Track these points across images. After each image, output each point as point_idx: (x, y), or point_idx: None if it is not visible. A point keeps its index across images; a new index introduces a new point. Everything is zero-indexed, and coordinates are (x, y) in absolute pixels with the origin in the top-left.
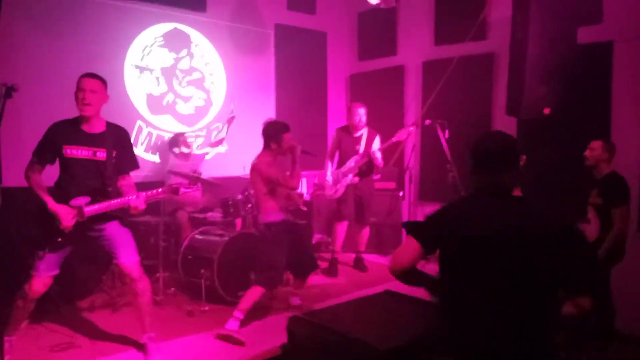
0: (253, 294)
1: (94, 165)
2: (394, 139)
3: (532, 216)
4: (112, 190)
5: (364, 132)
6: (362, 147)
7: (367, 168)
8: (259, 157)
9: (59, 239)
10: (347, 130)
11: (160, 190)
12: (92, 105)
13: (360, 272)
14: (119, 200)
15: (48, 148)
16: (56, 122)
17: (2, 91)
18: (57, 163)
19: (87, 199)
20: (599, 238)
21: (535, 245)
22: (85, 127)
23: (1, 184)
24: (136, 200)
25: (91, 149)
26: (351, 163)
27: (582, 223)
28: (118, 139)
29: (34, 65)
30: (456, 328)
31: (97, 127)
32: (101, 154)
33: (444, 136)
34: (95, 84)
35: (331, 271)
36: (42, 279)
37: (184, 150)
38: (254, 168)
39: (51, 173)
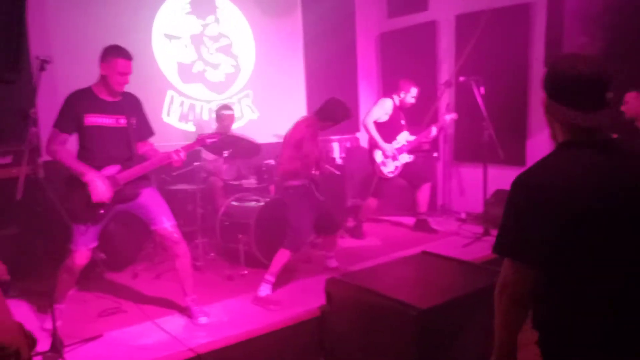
0: (280, 257)
1: (117, 132)
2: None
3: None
4: (137, 158)
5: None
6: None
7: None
8: (307, 123)
9: (101, 210)
10: (394, 102)
11: (194, 142)
12: (125, 85)
13: (429, 233)
14: (159, 158)
15: (70, 117)
16: (73, 92)
17: (37, 64)
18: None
19: (118, 166)
20: None
21: None
22: (104, 96)
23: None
24: (177, 153)
25: (113, 116)
26: (404, 140)
27: None
28: (135, 106)
29: (65, 37)
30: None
31: (114, 96)
32: (123, 121)
33: (479, 93)
34: (130, 66)
35: (356, 234)
36: (82, 252)
37: (226, 122)
38: (297, 130)
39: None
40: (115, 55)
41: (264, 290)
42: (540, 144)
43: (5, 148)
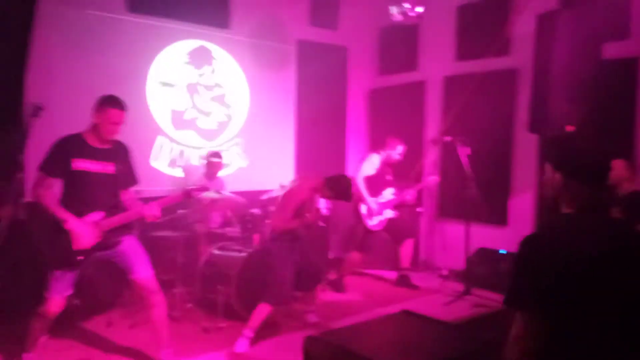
0: (260, 312)
1: (103, 178)
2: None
3: (629, 239)
4: (120, 205)
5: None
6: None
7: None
8: (313, 187)
9: (80, 257)
10: (381, 157)
11: (174, 195)
12: (117, 134)
13: (410, 289)
14: (134, 211)
15: (57, 161)
16: (62, 137)
17: (30, 110)
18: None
19: (102, 213)
20: None
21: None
22: (94, 143)
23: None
24: (151, 209)
25: (101, 162)
26: (390, 196)
27: None
28: (122, 155)
29: (63, 82)
30: None
31: (104, 144)
32: (110, 168)
33: (464, 153)
34: (123, 115)
35: (337, 287)
36: (56, 300)
37: (215, 168)
38: (302, 191)
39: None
40: (109, 105)
41: (241, 346)
42: (522, 204)
43: None
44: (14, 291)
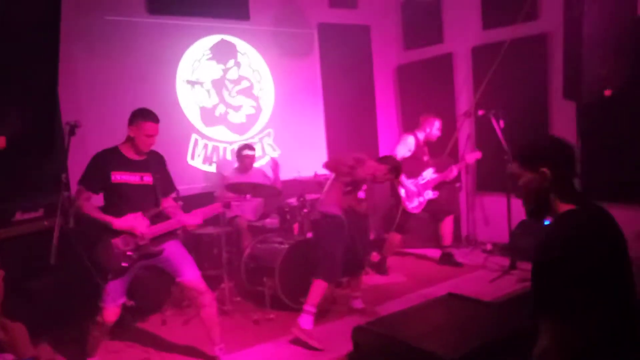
0: (317, 288)
1: (142, 189)
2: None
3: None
4: (162, 213)
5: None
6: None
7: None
8: (368, 160)
9: (124, 264)
10: (417, 138)
11: (213, 206)
12: (153, 145)
13: (454, 267)
14: (176, 220)
15: (96, 175)
16: (100, 152)
17: (67, 129)
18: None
19: (147, 221)
20: None
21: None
22: (130, 155)
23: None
24: (193, 218)
25: (138, 174)
26: (429, 176)
27: None
28: (158, 164)
29: (95, 95)
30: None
31: (140, 155)
32: (147, 178)
33: (499, 126)
34: (157, 128)
35: (380, 270)
36: (111, 309)
37: (247, 161)
38: (358, 156)
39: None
40: (143, 118)
41: (306, 322)
42: None
43: (37, 202)
44: (70, 299)
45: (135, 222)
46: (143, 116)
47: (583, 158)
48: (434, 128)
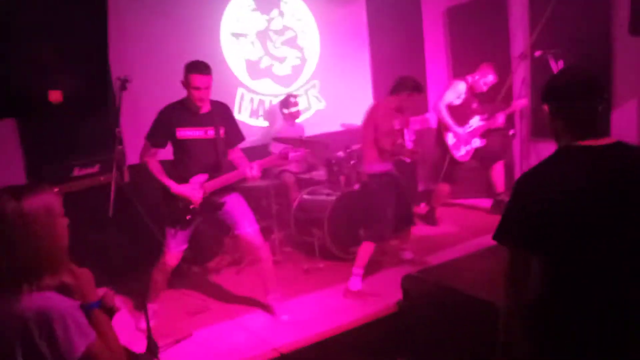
0: (365, 250)
1: (206, 143)
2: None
3: (629, 165)
4: (225, 165)
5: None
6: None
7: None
8: (383, 100)
9: (188, 217)
10: (467, 83)
11: (272, 157)
12: (205, 99)
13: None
14: (236, 172)
15: (161, 132)
16: (165, 107)
17: (118, 85)
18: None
19: (206, 175)
20: None
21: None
22: (193, 109)
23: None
24: (252, 171)
25: (202, 128)
26: (477, 123)
27: None
28: (223, 116)
29: (142, 50)
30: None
31: (204, 108)
32: (211, 132)
33: (557, 67)
34: (206, 80)
35: (429, 220)
36: (174, 254)
37: (293, 109)
38: (373, 109)
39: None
40: (189, 71)
41: (355, 284)
42: (626, 114)
43: (93, 158)
44: (129, 251)
45: (192, 192)
46: (189, 69)
47: None
48: (483, 79)
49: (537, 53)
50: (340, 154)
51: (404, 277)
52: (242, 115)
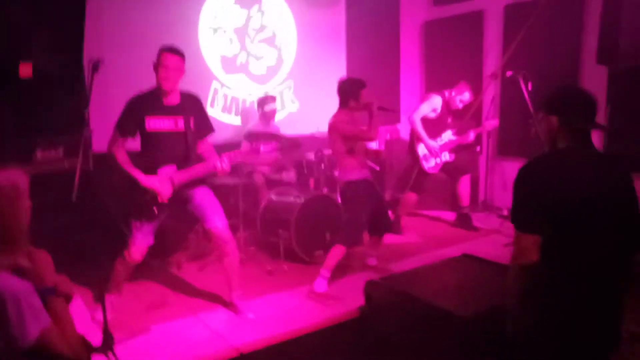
0: (336, 253)
1: (175, 135)
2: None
3: (620, 172)
4: (195, 157)
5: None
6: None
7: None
8: (336, 115)
9: (155, 209)
10: (443, 98)
11: (242, 151)
12: (171, 80)
13: (469, 230)
14: (206, 165)
15: (130, 120)
16: (135, 96)
17: (90, 67)
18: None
19: (174, 167)
20: None
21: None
22: (164, 99)
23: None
24: (222, 163)
25: (172, 118)
26: (447, 138)
27: None
28: (194, 107)
29: (117, 36)
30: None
31: (174, 99)
32: (181, 123)
33: (526, 89)
34: (176, 60)
35: (394, 229)
36: (139, 248)
37: (268, 109)
38: (332, 127)
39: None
40: (161, 50)
41: (321, 285)
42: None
43: (56, 140)
44: (91, 239)
45: (161, 184)
46: (161, 49)
47: (610, 127)
48: (459, 97)
49: (509, 73)
50: (311, 157)
51: (367, 283)
52: (215, 109)
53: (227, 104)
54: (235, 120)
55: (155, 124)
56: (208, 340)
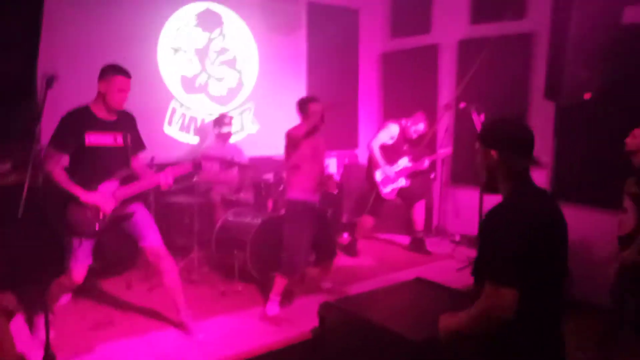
0: (279, 282)
1: (115, 150)
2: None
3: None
4: (132, 175)
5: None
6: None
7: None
8: (294, 127)
9: (97, 227)
10: (400, 126)
11: (184, 165)
12: (124, 102)
13: (423, 255)
14: (149, 180)
15: (69, 136)
16: (71, 111)
17: (44, 81)
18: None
19: (116, 183)
20: (637, 228)
21: (566, 236)
22: (103, 115)
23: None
24: (165, 177)
25: (111, 134)
26: (403, 164)
27: (618, 212)
28: (129, 123)
29: (74, 51)
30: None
31: (112, 115)
32: (120, 139)
33: (479, 120)
34: (129, 83)
35: (350, 251)
36: (79, 270)
37: (225, 130)
38: (286, 134)
39: None
40: (115, 72)
41: (272, 308)
42: (538, 172)
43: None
44: (33, 257)
45: (103, 200)
46: (115, 70)
47: (557, 159)
48: (414, 127)
49: (462, 105)
50: (270, 178)
51: (321, 305)
52: (172, 128)
53: (185, 123)
54: (192, 140)
55: (96, 139)
56: None
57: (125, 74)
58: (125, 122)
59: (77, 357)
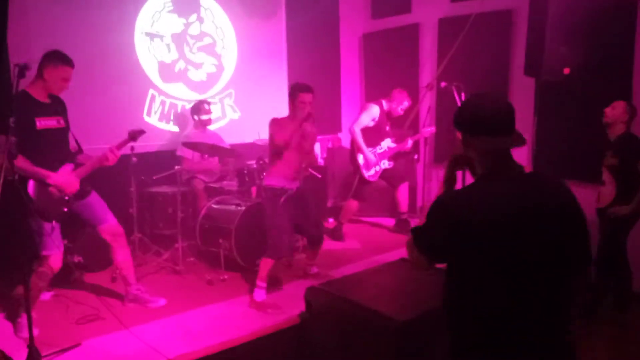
0: (265, 265)
1: (59, 132)
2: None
3: (547, 193)
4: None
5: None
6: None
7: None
8: (281, 117)
9: (65, 208)
10: (382, 108)
11: (127, 139)
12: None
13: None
14: (98, 158)
15: (20, 123)
16: (14, 96)
17: (15, 71)
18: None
19: (71, 165)
20: (615, 199)
21: (555, 225)
22: (43, 99)
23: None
24: (111, 152)
25: (54, 118)
26: (386, 146)
27: (597, 185)
28: (61, 106)
29: (47, 38)
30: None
31: (48, 98)
32: (62, 121)
33: (460, 99)
34: (72, 72)
35: (336, 236)
36: (56, 255)
37: (204, 117)
38: (270, 122)
39: None
40: (62, 62)
41: (259, 295)
42: (517, 148)
43: None
44: (11, 249)
45: (69, 180)
46: (61, 59)
47: (538, 134)
48: (400, 106)
49: (443, 84)
50: (253, 164)
51: (307, 289)
52: (152, 118)
53: (164, 111)
54: (173, 128)
55: (45, 123)
56: (141, 354)
57: (71, 64)
58: (59, 105)
59: (63, 353)
